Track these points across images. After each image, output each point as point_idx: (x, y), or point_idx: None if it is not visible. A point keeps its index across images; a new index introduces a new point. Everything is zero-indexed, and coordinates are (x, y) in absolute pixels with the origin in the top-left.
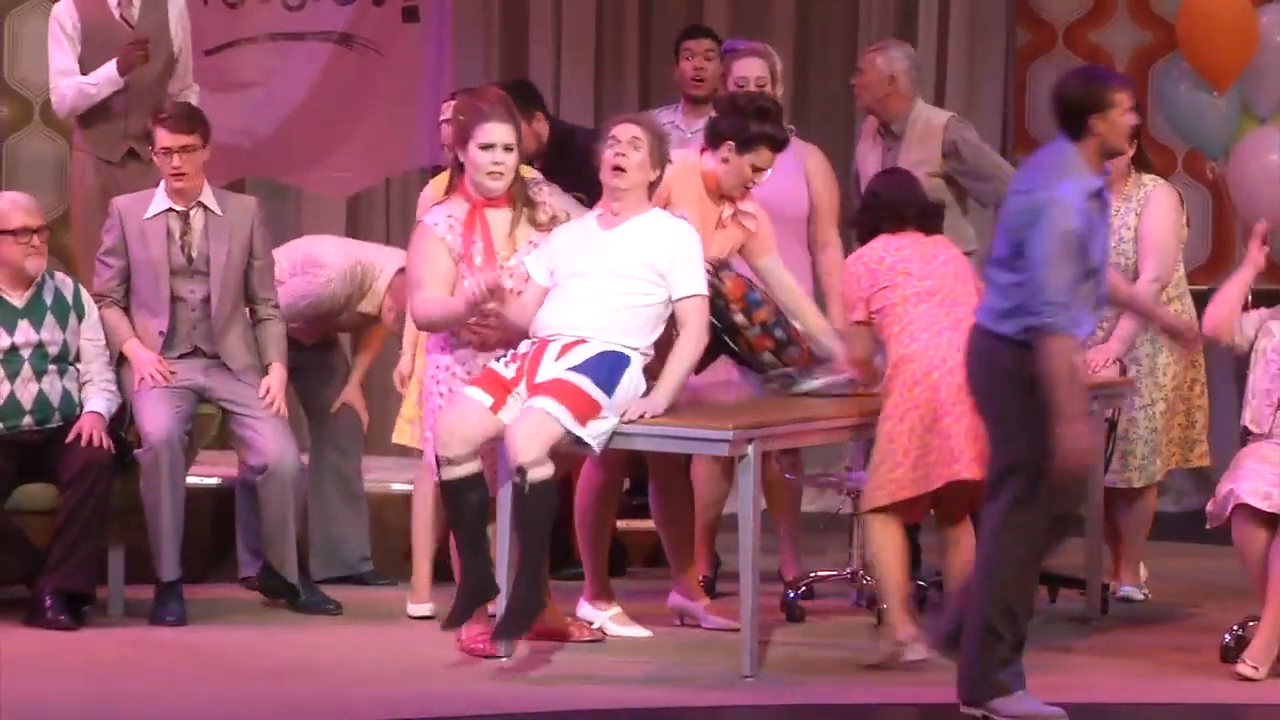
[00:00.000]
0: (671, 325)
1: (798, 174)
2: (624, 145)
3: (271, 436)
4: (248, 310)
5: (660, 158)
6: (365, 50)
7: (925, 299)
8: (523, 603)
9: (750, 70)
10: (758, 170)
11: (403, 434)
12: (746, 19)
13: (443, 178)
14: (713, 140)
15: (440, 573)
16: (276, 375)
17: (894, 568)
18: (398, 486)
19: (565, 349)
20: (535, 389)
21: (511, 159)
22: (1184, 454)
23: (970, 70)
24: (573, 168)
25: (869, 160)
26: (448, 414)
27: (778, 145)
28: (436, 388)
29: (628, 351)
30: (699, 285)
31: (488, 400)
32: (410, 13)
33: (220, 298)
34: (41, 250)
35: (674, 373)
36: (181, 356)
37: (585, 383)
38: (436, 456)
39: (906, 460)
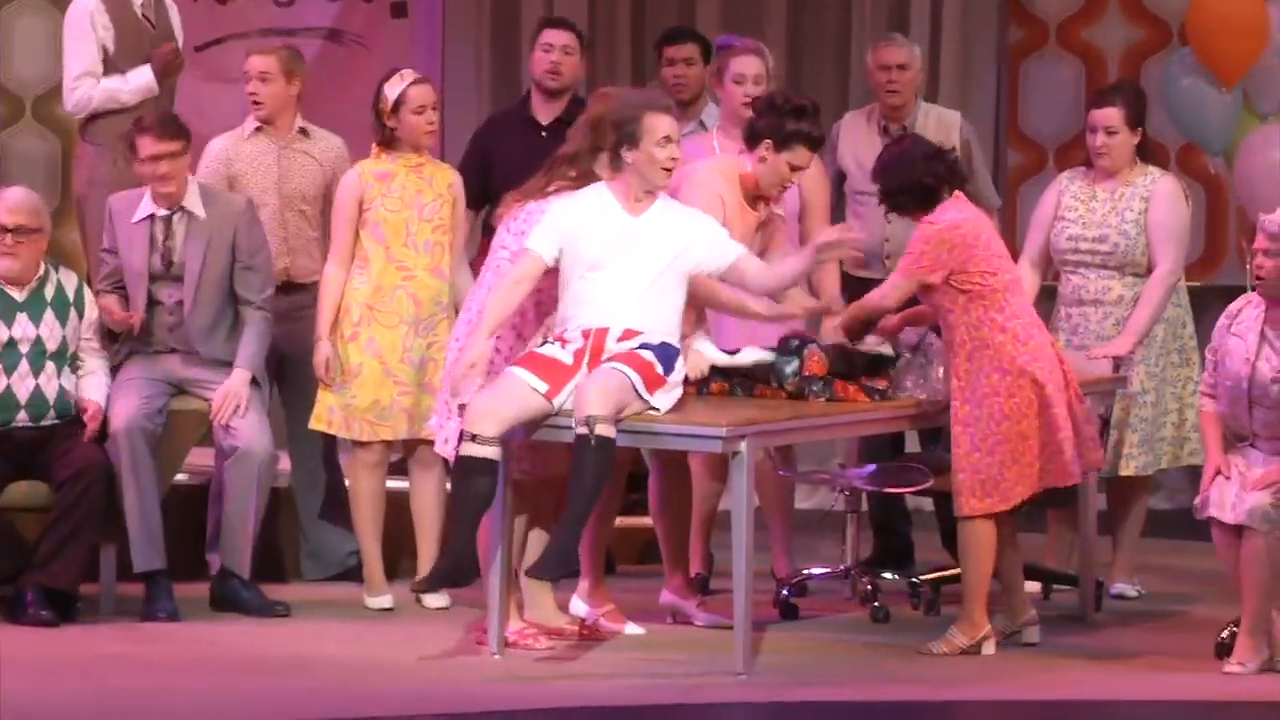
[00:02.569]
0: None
1: None
2: (674, 146)
3: (248, 422)
4: (236, 312)
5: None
6: (354, 46)
7: (1015, 288)
8: (560, 547)
9: (748, 68)
10: (795, 169)
11: (320, 420)
12: (738, 18)
13: (372, 163)
14: (750, 140)
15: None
16: (235, 379)
17: (989, 565)
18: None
19: (626, 334)
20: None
21: None
22: (1175, 451)
23: (963, 68)
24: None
25: (863, 156)
26: (488, 393)
27: (815, 144)
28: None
29: (679, 345)
30: (738, 245)
31: (543, 386)
32: (399, 8)
33: (194, 302)
34: (14, 251)
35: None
36: (157, 354)
37: (653, 358)
38: (461, 430)
39: (1023, 460)
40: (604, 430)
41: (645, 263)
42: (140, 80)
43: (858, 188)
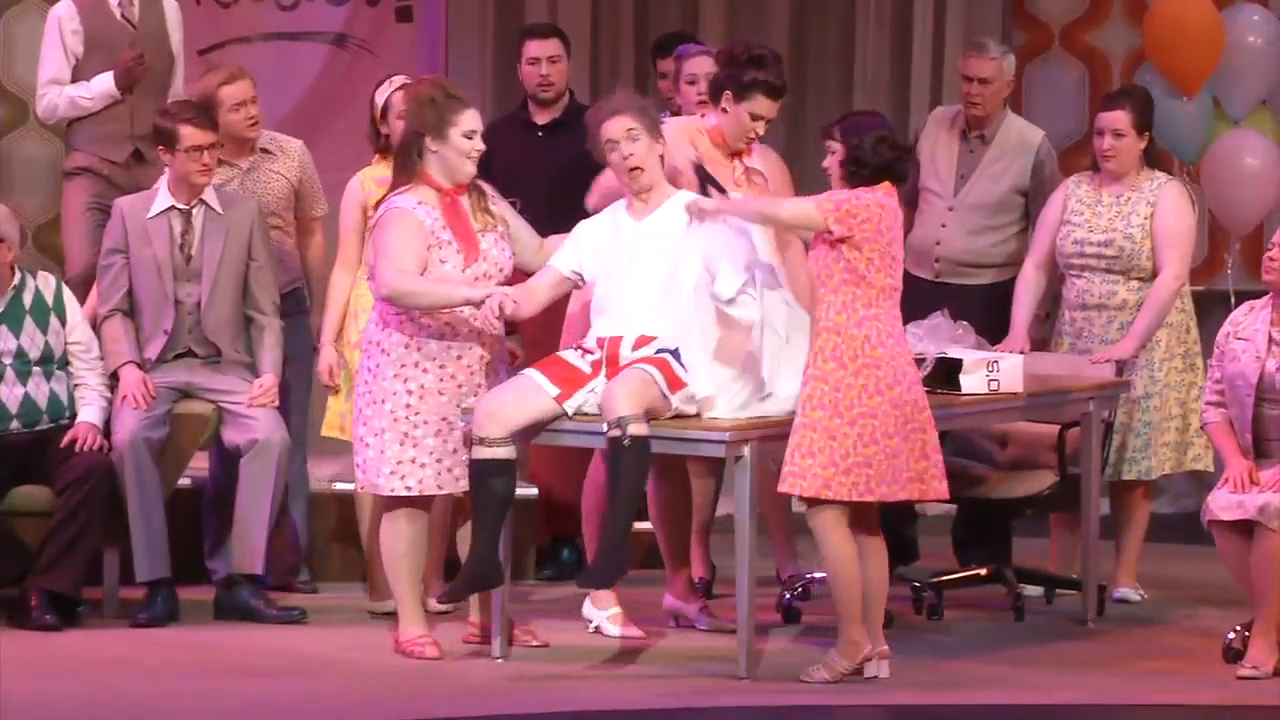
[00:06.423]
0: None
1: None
2: (625, 143)
3: (262, 417)
4: (247, 314)
5: (655, 125)
6: (359, 50)
7: (891, 295)
8: (610, 555)
9: (700, 68)
10: (756, 118)
11: (332, 427)
12: (742, 23)
13: (373, 169)
14: (713, 94)
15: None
16: (267, 378)
17: (849, 576)
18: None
19: (640, 341)
20: (622, 369)
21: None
22: (1178, 457)
23: None
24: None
25: (939, 155)
26: (496, 395)
27: (775, 92)
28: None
29: None
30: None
31: (554, 390)
32: (404, 13)
33: (212, 297)
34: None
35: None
36: (176, 357)
37: (669, 358)
38: (471, 434)
39: (844, 462)
40: (637, 429)
41: (650, 267)
42: (101, 87)
43: (926, 184)
